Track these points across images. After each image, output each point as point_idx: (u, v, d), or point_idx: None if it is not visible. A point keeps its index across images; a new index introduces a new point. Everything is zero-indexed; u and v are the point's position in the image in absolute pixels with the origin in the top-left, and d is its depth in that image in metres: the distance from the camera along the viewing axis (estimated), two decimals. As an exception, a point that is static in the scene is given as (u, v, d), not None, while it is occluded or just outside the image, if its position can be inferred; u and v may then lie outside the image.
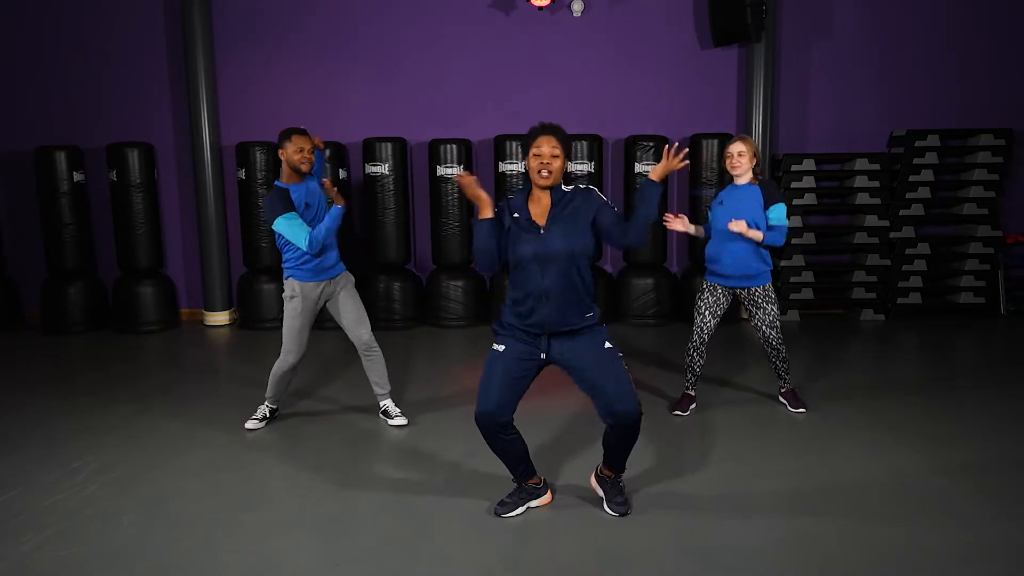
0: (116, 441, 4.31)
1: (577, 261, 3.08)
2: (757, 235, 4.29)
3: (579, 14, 7.39)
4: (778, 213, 4.35)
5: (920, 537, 3.10)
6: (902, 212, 7.39)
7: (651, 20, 7.50)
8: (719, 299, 4.51)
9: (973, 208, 7.35)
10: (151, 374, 5.85)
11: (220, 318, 7.56)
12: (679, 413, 4.64)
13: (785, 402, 4.71)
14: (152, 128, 7.61)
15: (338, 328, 7.01)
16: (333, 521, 3.32)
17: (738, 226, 4.25)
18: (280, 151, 4.16)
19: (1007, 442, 4.10)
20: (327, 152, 3.96)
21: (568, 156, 3.20)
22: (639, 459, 3.95)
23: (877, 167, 7.31)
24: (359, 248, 7.54)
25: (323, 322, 6.88)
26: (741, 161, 4.40)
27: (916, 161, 7.33)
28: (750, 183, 4.43)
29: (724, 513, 3.36)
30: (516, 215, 3.15)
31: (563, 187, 3.16)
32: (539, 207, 3.15)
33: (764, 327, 4.48)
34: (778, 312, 4.49)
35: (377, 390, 4.60)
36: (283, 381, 4.48)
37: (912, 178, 7.36)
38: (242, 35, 7.54)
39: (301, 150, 4.13)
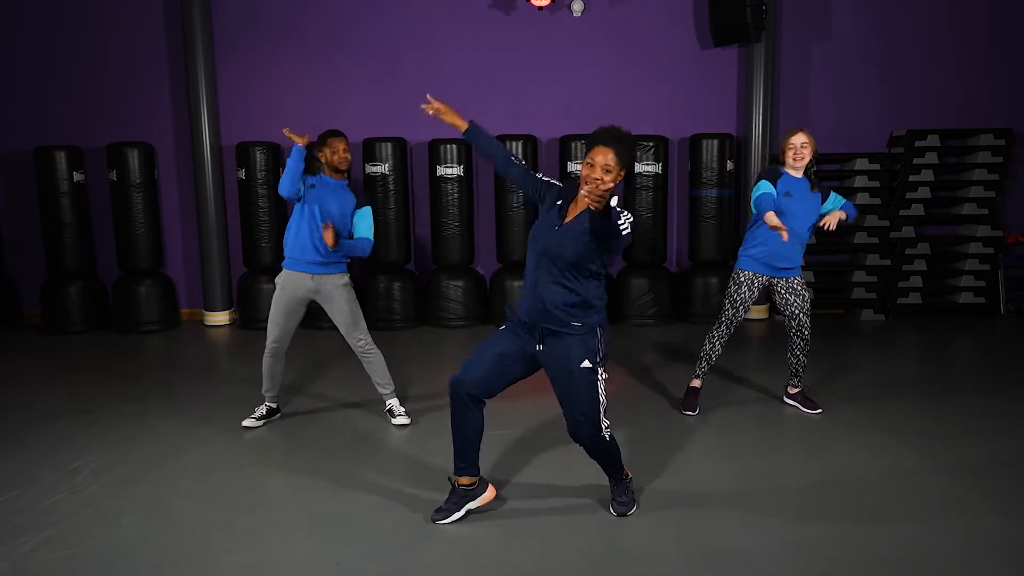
0: (116, 441, 4.31)
1: (575, 269, 2.98)
2: (842, 215, 4.31)
3: (579, 14, 7.39)
4: (835, 197, 4.44)
5: (921, 538, 3.10)
6: (902, 212, 7.39)
7: (651, 20, 7.50)
8: (754, 293, 4.46)
9: (973, 208, 7.35)
10: (151, 374, 5.85)
11: (220, 318, 7.55)
12: (689, 413, 4.59)
13: (797, 404, 4.68)
14: (152, 128, 7.61)
15: (333, 327, 7.03)
16: (333, 521, 3.32)
17: (834, 218, 4.26)
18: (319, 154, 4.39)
19: (1008, 442, 4.10)
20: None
21: (625, 167, 2.99)
22: (639, 458, 3.95)
23: (877, 167, 7.31)
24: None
25: (319, 322, 6.88)
26: (804, 153, 4.31)
27: (916, 161, 7.33)
28: (806, 178, 4.37)
29: (725, 513, 3.35)
30: (558, 202, 3.08)
31: (610, 203, 2.85)
32: (576, 208, 3.06)
33: (801, 314, 4.43)
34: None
35: (380, 390, 4.60)
36: (267, 370, 4.49)
37: (912, 178, 7.36)
38: (242, 35, 7.54)
39: (336, 152, 4.36)
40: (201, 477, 3.81)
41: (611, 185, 2.93)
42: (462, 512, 3.29)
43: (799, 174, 4.34)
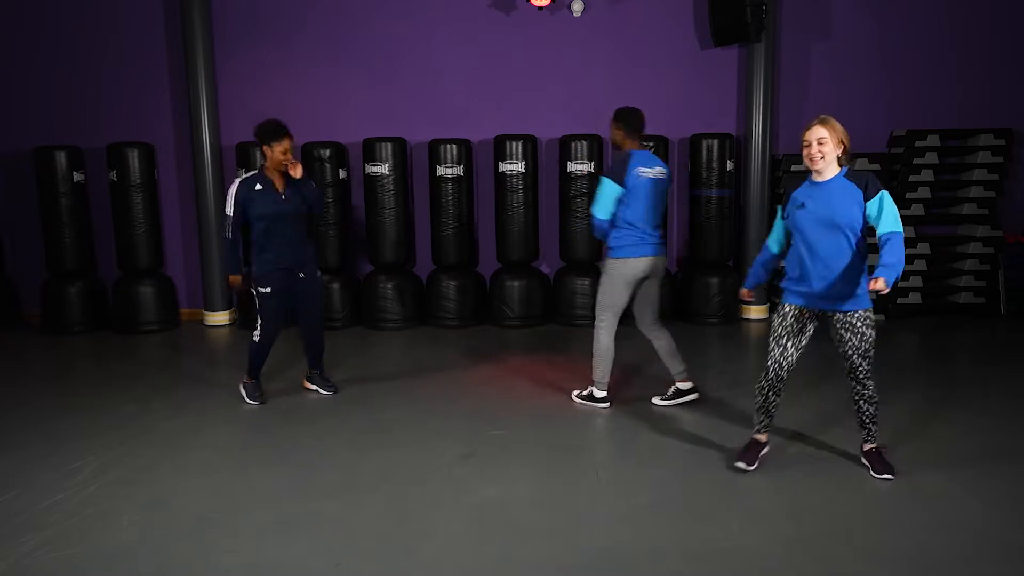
0: (116, 441, 4.31)
1: None
2: (882, 284, 3.25)
3: (579, 14, 7.39)
4: (888, 208, 3.47)
5: (920, 538, 3.10)
6: (902, 212, 7.38)
7: (651, 20, 7.50)
8: (805, 325, 3.62)
9: (973, 208, 7.35)
10: (151, 374, 5.85)
11: (220, 318, 7.55)
12: (743, 466, 3.73)
13: (868, 464, 3.72)
14: (152, 128, 7.61)
15: (338, 327, 7.03)
16: (333, 521, 3.32)
17: (879, 285, 3.25)
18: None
19: (1007, 442, 4.10)
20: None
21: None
22: (637, 456, 3.95)
23: (877, 167, 7.31)
24: (359, 248, 7.55)
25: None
26: (823, 150, 3.48)
27: (916, 161, 7.33)
28: (838, 176, 3.54)
29: (725, 511, 3.36)
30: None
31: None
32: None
33: (856, 356, 3.55)
34: (875, 339, 3.58)
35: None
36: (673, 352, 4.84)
37: (912, 178, 7.36)
38: (242, 35, 7.54)
39: None
40: (201, 477, 3.81)
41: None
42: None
43: (822, 175, 3.54)
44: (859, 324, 3.53)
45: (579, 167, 7.08)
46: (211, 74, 7.34)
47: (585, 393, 4.85)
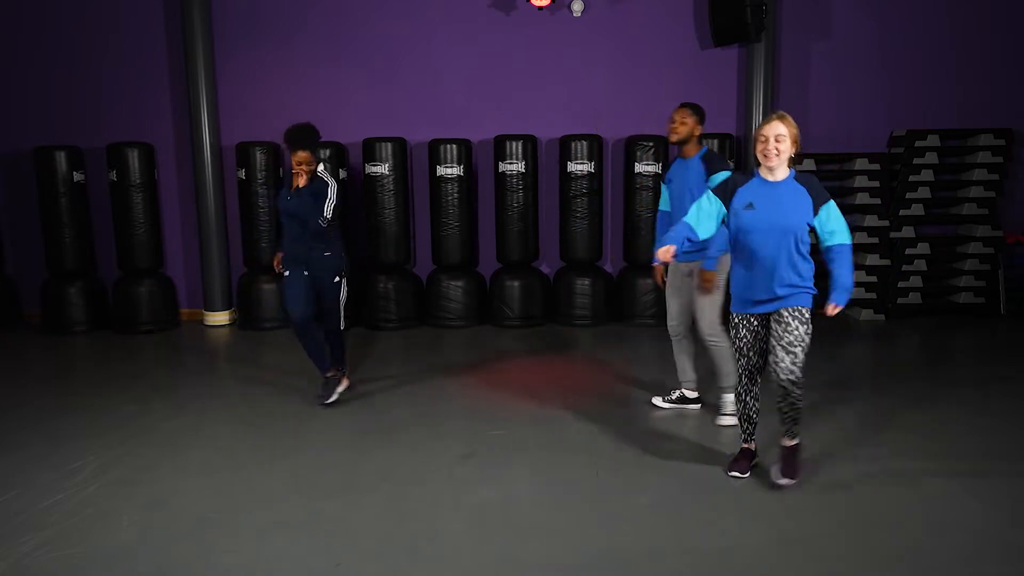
0: (116, 441, 4.31)
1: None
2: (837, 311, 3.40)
3: (579, 14, 7.39)
4: (837, 219, 3.42)
5: (920, 538, 3.10)
6: (902, 212, 7.39)
7: (651, 20, 7.50)
8: (759, 332, 3.54)
9: (973, 208, 7.35)
10: (151, 374, 5.85)
11: (220, 318, 7.55)
12: (737, 475, 3.69)
13: (779, 459, 3.61)
14: (152, 128, 7.60)
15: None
16: (333, 521, 3.32)
17: (835, 311, 3.40)
18: None
19: (1007, 442, 4.10)
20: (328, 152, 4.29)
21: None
22: (639, 460, 3.95)
23: (877, 167, 7.31)
24: (359, 248, 7.55)
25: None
26: (780, 147, 3.37)
27: (916, 161, 7.32)
28: (788, 178, 3.46)
29: (723, 514, 3.36)
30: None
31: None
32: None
33: (778, 346, 3.39)
34: (804, 337, 3.41)
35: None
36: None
37: (912, 178, 7.36)
38: (242, 35, 7.54)
39: None
40: (201, 477, 3.81)
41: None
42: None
43: (774, 175, 3.45)
44: (786, 315, 3.40)
45: (579, 167, 7.08)
46: (211, 74, 7.34)
47: (729, 412, 4.41)
